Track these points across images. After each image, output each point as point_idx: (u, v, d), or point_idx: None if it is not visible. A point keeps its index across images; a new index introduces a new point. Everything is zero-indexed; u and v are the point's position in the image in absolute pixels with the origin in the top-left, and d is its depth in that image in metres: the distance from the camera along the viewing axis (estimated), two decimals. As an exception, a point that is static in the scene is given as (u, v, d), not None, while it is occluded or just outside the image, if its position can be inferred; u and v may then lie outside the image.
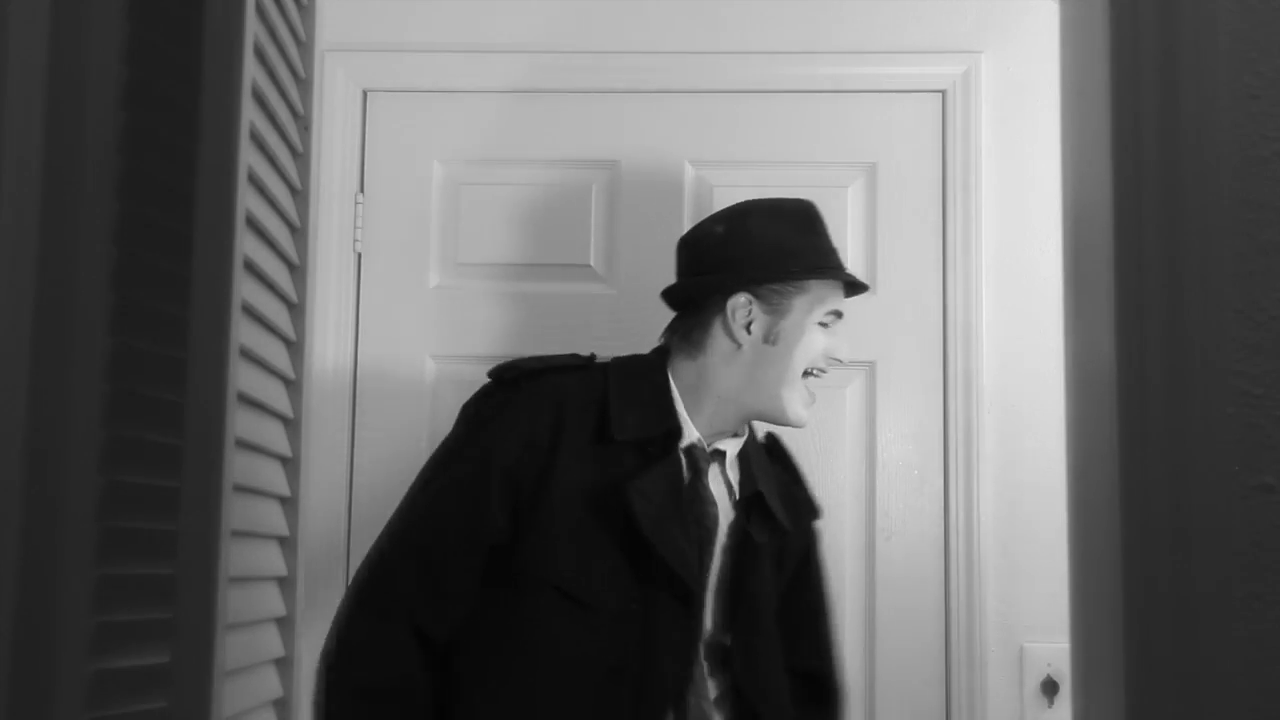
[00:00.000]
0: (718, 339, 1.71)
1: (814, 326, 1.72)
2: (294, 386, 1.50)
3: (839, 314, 1.75)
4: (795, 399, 1.72)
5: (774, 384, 1.71)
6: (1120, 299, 0.90)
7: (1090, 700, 1.01)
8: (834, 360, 1.74)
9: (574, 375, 1.72)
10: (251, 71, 1.04)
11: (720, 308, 1.71)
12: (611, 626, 1.59)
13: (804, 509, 1.82)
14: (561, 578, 1.59)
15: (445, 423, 2.31)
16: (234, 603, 1.13)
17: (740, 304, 1.70)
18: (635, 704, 1.58)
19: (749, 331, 1.70)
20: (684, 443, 1.69)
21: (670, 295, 1.78)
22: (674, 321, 1.78)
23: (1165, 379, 0.87)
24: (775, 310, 1.71)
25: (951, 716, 2.21)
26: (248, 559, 1.29)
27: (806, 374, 1.72)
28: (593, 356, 1.78)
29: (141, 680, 0.89)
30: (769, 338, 1.71)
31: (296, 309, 1.50)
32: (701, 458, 1.70)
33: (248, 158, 1.09)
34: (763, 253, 1.73)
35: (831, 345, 1.73)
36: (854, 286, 1.77)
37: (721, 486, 1.72)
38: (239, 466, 1.10)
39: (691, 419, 1.71)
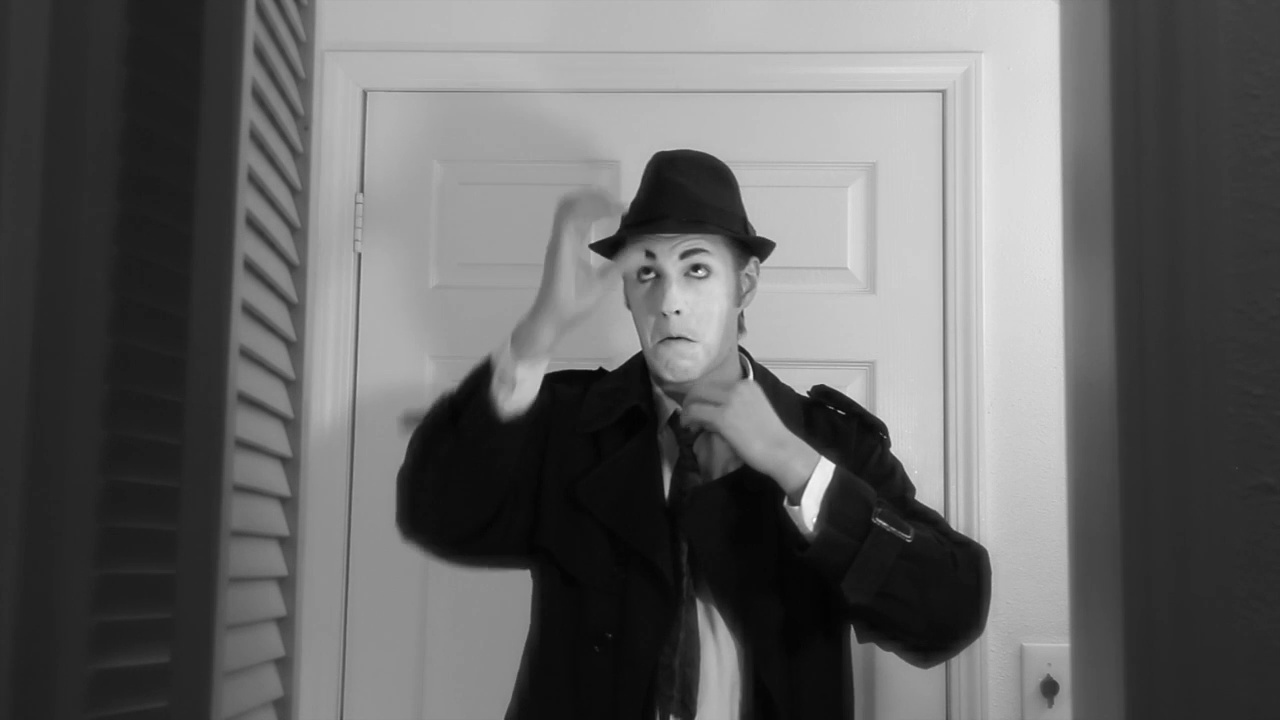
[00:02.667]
0: None
1: (635, 285, 1.75)
2: (294, 387, 1.50)
3: (647, 266, 1.72)
4: (658, 362, 1.73)
5: (646, 353, 1.77)
6: (1120, 298, 0.90)
7: (1090, 700, 1.01)
8: (663, 314, 1.69)
9: (577, 381, 1.83)
10: (251, 71, 1.04)
11: None
12: (596, 599, 1.68)
13: (851, 436, 1.78)
14: (554, 547, 1.71)
15: (445, 423, 2.32)
16: (234, 603, 1.13)
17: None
18: (614, 674, 1.64)
19: (626, 301, 1.81)
20: (663, 417, 1.77)
21: None
22: None
23: (1165, 379, 0.87)
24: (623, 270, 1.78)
25: (951, 716, 2.21)
26: (248, 559, 1.29)
27: (663, 336, 1.71)
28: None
29: (141, 680, 0.89)
30: (626, 299, 1.80)
31: (296, 309, 1.50)
32: (686, 431, 1.74)
33: (248, 158, 1.09)
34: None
35: (654, 298, 1.72)
36: (700, 228, 1.70)
37: (724, 447, 1.74)
38: (239, 466, 1.10)
39: (667, 394, 1.78)
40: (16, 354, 0.81)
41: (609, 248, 1.81)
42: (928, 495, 2.25)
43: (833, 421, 1.80)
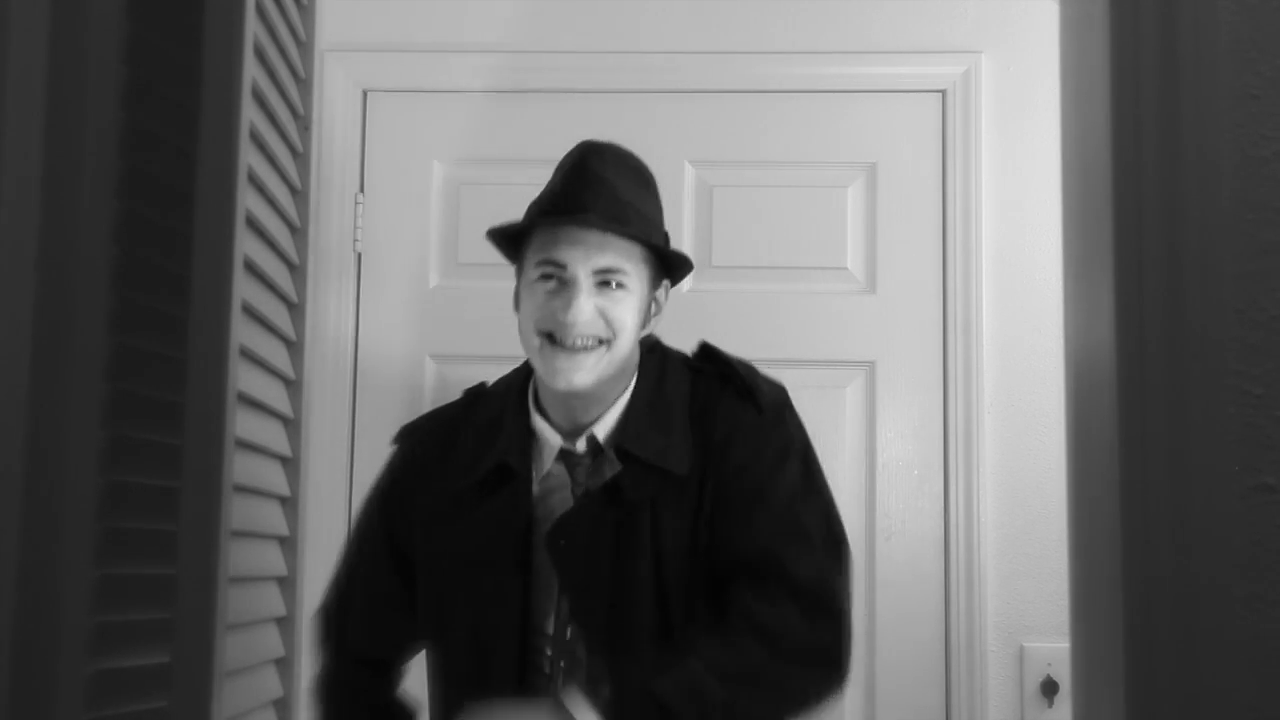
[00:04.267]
0: None
1: (532, 284, 1.47)
2: (294, 386, 1.50)
3: (555, 263, 1.44)
4: (541, 362, 1.46)
5: (529, 353, 1.50)
6: (1120, 298, 0.90)
7: (1090, 700, 1.01)
8: (565, 322, 1.43)
9: (436, 422, 1.62)
10: (251, 71, 1.04)
11: None
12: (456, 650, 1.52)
13: (717, 410, 1.51)
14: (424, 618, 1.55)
15: (445, 423, 2.32)
16: (234, 603, 1.13)
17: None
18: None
19: (515, 298, 1.54)
20: (549, 453, 1.52)
21: None
22: None
23: (1165, 379, 0.87)
24: (520, 271, 1.53)
25: (951, 716, 2.21)
26: (248, 559, 1.29)
27: (550, 339, 1.45)
28: (482, 385, 1.66)
29: (141, 680, 0.89)
30: (516, 304, 1.53)
31: (296, 309, 1.51)
32: (578, 466, 1.51)
33: (248, 158, 1.09)
34: None
35: (553, 305, 1.44)
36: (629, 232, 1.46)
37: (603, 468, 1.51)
38: (239, 466, 1.10)
39: (552, 415, 1.52)
40: (16, 354, 0.81)
41: (511, 239, 1.54)
42: (928, 495, 2.25)
43: (709, 392, 1.53)
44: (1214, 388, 0.86)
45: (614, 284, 1.45)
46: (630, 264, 1.46)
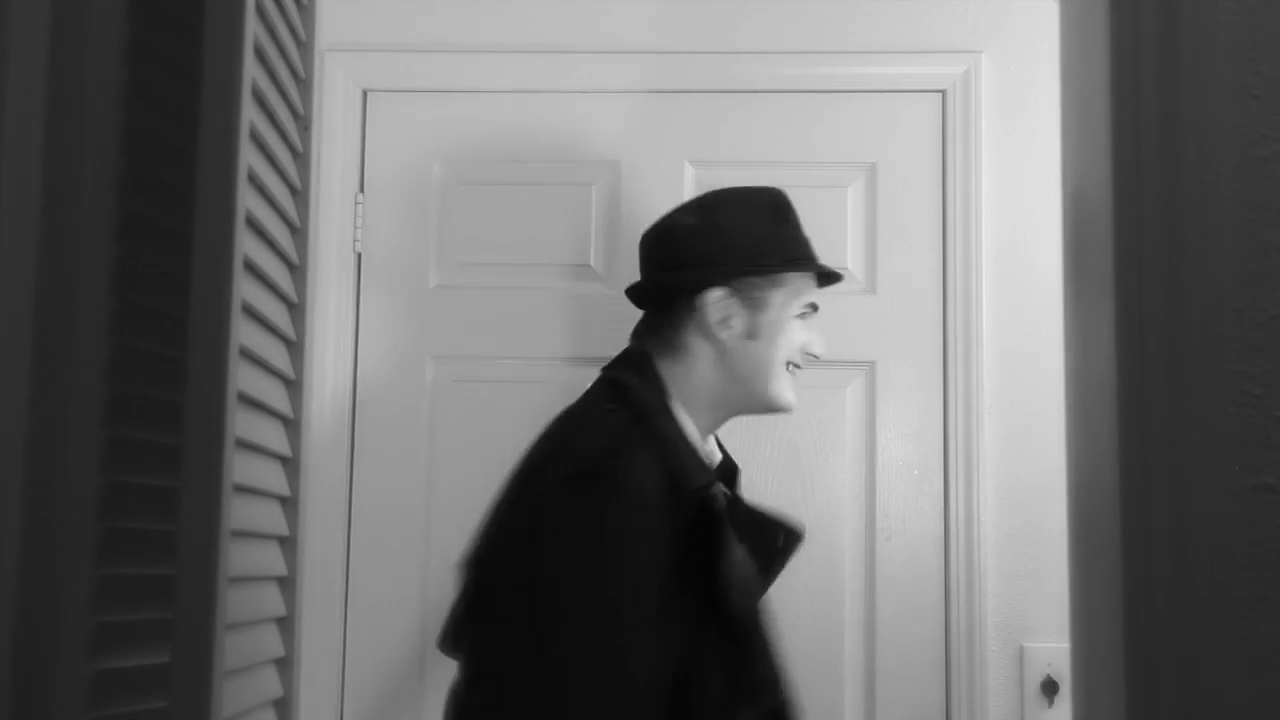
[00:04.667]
0: (695, 338, 1.65)
1: (792, 320, 1.69)
2: (294, 386, 1.50)
3: (814, 306, 1.73)
4: (783, 387, 1.69)
5: (761, 379, 1.67)
6: (1120, 299, 0.90)
7: (1090, 700, 1.01)
8: (810, 355, 1.72)
9: (643, 450, 1.51)
10: (251, 71, 1.04)
11: (691, 305, 1.64)
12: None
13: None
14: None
15: (445, 423, 2.32)
16: (234, 603, 1.13)
17: (716, 299, 1.63)
18: None
19: (731, 326, 1.64)
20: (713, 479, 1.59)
21: (638, 293, 1.72)
22: (642, 323, 1.72)
23: (1165, 379, 0.87)
24: (754, 304, 1.66)
25: (951, 716, 2.21)
26: (248, 559, 1.29)
27: (786, 366, 1.70)
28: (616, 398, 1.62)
29: (141, 680, 0.89)
30: (750, 333, 1.66)
31: (296, 309, 1.51)
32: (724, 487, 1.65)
33: (248, 158, 1.09)
34: (739, 245, 1.68)
35: (808, 339, 1.72)
36: (827, 277, 1.76)
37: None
38: (239, 466, 1.10)
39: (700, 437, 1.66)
40: (16, 354, 0.81)
41: (786, 264, 1.71)
42: (928, 495, 2.26)
43: None
44: (1214, 388, 0.86)
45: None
46: None
